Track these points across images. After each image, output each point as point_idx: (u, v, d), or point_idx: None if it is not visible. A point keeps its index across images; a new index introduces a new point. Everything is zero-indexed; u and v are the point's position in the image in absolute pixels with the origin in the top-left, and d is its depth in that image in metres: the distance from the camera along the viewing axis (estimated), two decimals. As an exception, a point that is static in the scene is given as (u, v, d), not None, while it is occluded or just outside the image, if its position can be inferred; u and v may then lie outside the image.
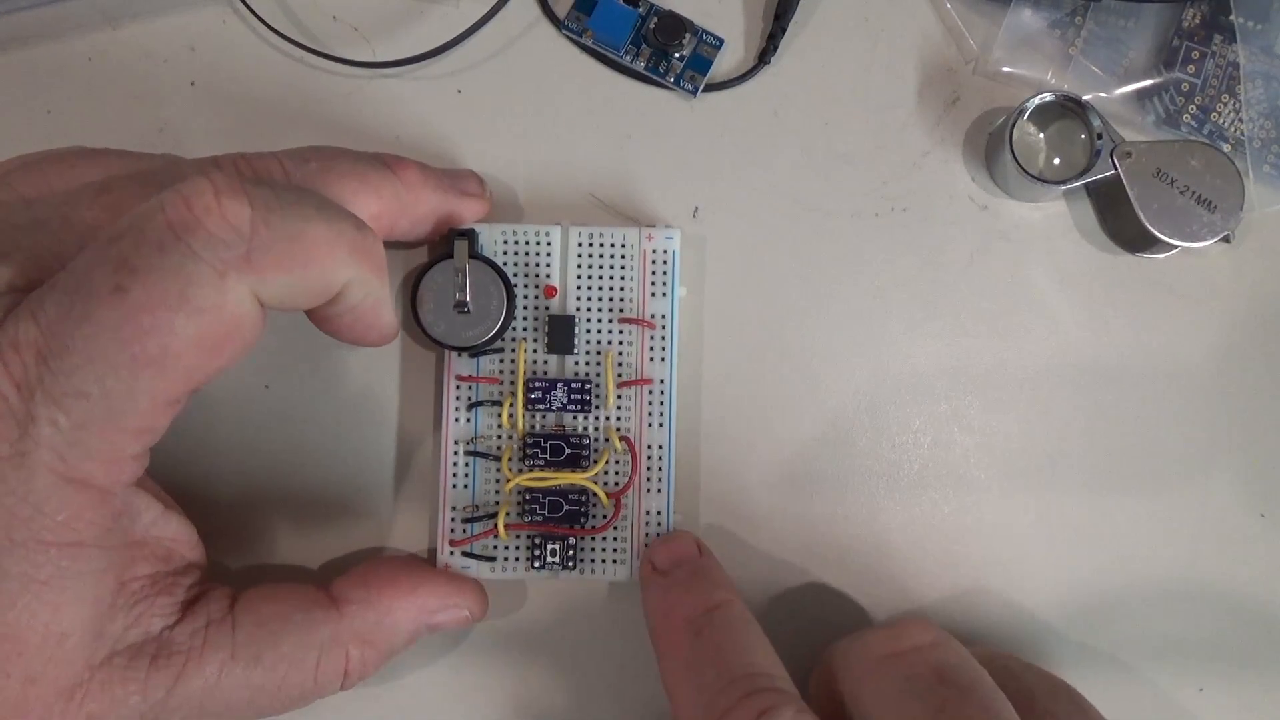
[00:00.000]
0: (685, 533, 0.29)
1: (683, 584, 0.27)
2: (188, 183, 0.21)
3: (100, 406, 0.21)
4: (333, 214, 0.23)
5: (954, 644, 0.25)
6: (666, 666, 0.26)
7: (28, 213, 0.23)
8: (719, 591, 0.27)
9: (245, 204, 0.21)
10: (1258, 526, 0.31)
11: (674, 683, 0.25)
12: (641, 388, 0.30)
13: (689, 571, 0.28)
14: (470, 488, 0.29)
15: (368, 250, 0.24)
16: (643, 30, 0.31)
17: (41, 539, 0.21)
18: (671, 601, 0.27)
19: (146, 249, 0.21)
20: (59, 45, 0.31)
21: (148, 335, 0.21)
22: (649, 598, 0.28)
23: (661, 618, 0.27)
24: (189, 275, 0.21)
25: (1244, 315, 0.32)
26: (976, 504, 0.31)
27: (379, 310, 0.25)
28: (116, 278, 0.21)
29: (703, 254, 0.31)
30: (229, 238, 0.21)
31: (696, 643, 0.25)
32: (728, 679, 0.24)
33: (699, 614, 0.26)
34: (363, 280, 0.24)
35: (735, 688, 0.23)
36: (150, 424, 0.22)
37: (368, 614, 0.27)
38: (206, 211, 0.21)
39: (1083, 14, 0.31)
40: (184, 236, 0.21)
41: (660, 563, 0.28)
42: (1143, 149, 0.30)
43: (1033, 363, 0.31)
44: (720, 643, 0.25)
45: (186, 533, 0.25)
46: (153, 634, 0.24)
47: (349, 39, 0.32)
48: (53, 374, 0.21)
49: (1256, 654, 0.31)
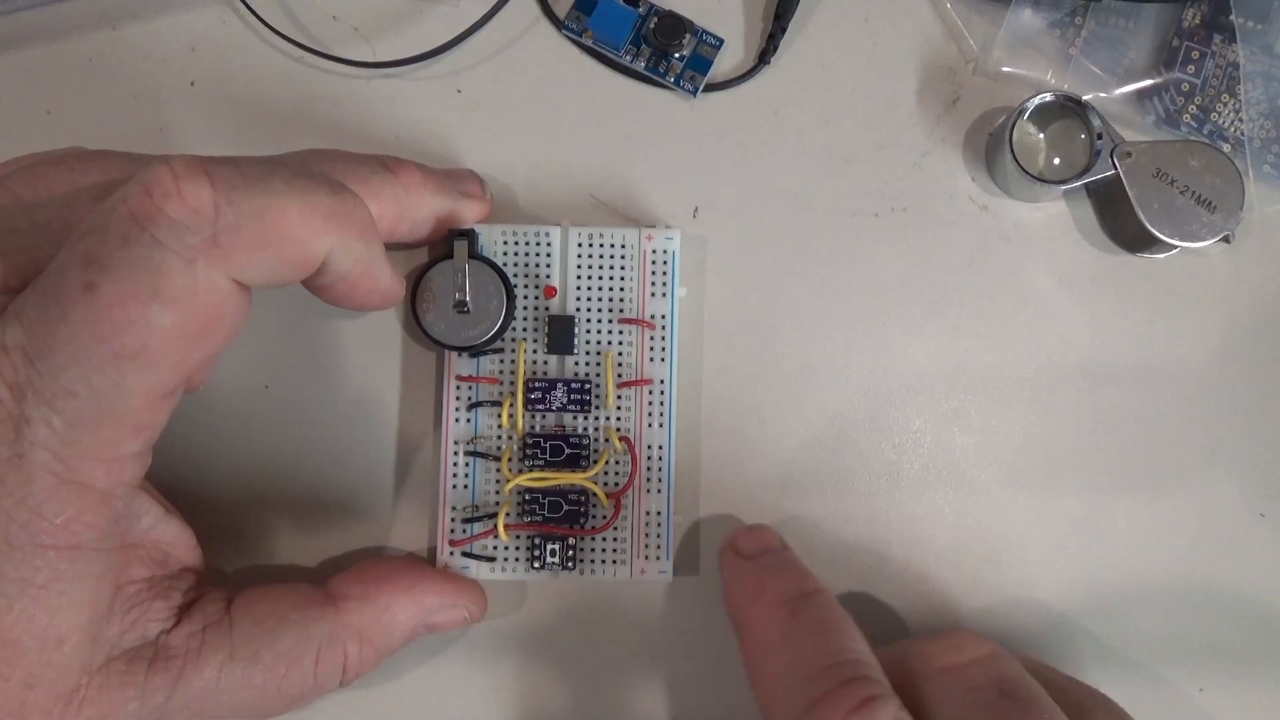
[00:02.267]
0: (768, 526, 0.29)
1: (773, 568, 0.27)
2: (148, 170, 0.21)
3: (90, 405, 0.21)
4: (303, 184, 0.22)
5: (1011, 658, 0.25)
6: (754, 644, 0.25)
7: (26, 216, 0.23)
8: (812, 580, 0.26)
9: (206, 185, 0.21)
10: (1258, 526, 0.31)
11: (762, 659, 0.25)
12: (641, 388, 0.30)
13: (778, 558, 0.27)
14: (470, 488, 0.29)
15: (347, 216, 0.23)
16: (643, 30, 0.31)
17: (40, 542, 0.21)
18: (764, 581, 0.26)
19: (111, 243, 0.20)
20: (59, 45, 0.31)
21: (124, 330, 0.20)
22: (736, 579, 0.27)
23: (750, 596, 0.26)
24: (156, 265, 0.20)
25: (1244, 315, 0.32)
26: (976, 504, 0.31)
27: (374, 274, 0.24)
28: (86, 275, 0.20)
29: (703, 254, 0.31)
30: (192, 222, 0.20)
31: (793, 622, 0.25)
32: (827, 661, 0.23)
33: (796, 594, 0.25)
34: (347, 247, 0.23)
35: (836, 671, 0.23)
36: (145, 419, 0.22)
37: (365, 610, 0.27)
38: (166, 197, 0.20)
39: (1083, 14, 0.31)
40: (147, 226, 0.20)
41: (746, 549, 0.28)
42: (1143, 149, 0.30)
43: (1033, 363, 0.31)
44: (818, 624, 0.25)
45: (185, 537, 0.25)
46: (149, 638, 0.24)
47: (349, 39, 0.32)
48: (41, 375, 0.20)
49: (1256, 654, 0.31)
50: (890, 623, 0.31)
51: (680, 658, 0.30)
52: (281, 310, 0.31)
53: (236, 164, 0.22)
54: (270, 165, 0.22)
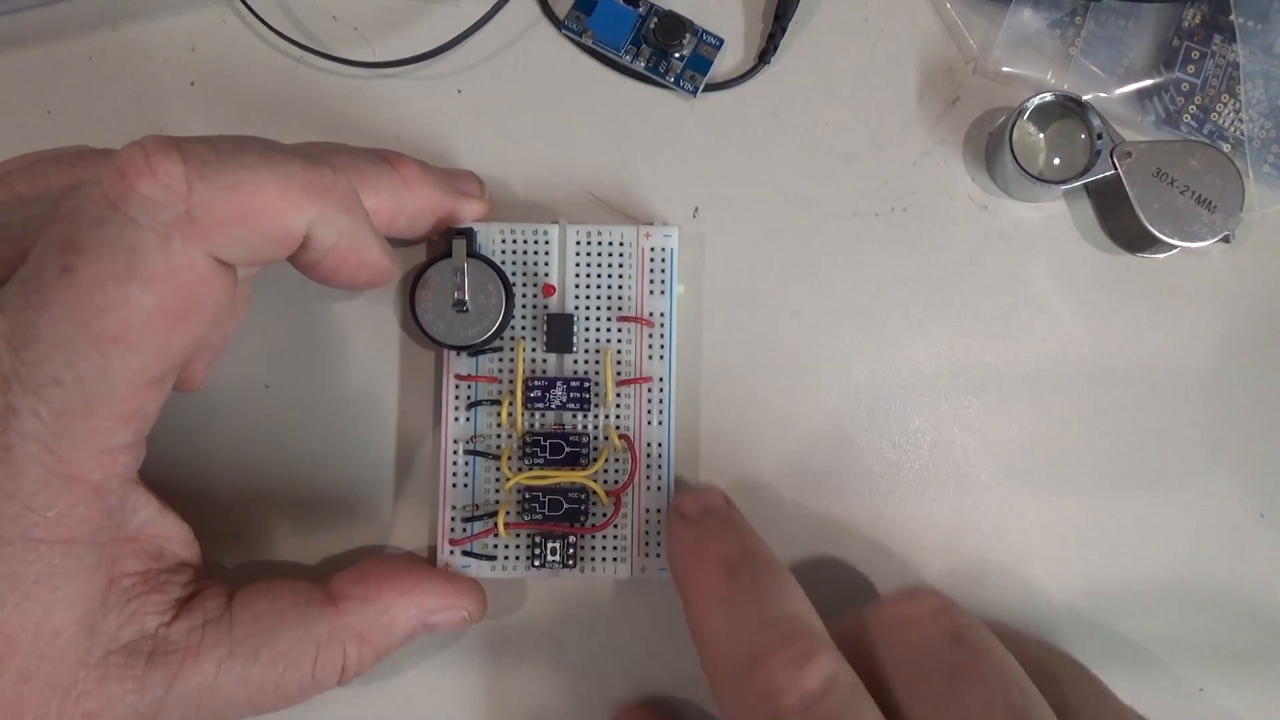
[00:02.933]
0: (713, 485, 0.29)
1: (715, 530, 0.26)
2: (121, 152, 0.20)
3: (76, 392, 0.20)
4: (278, 157, 0.22)
5: (966, 612, 0.25)
6: (696, 607, 0.25)
7: (23, 211, 0.23)
8: (752, 538, 0.26)
9: (178, 161, 0.20)
10: (1258, 526, 0.31)
11: (704, 622, 0.24)
12: (640, 386, 0.30)
13: (721, 519, 0.27)
14: (470, 487, 0.29)
15: (325, 187, 0.22)
16: (643, 30, 0.31)
17: (31, 536, 0.21)
18: (705, 543, 0.26)
19: (86, 224, 0.20)
20: (59, 45, 0.31)
21: (104, 312, 0.20)
22: (678, 542, 0.27)
23: (692, 557, 0.26)
24: (132, 244, 0.20)
25: (1244, 315, 0.32)
26: (976, 504, 0.31)
27: (361, 249, 0.24)
28: (63, 258, 0.20)
29: (702, 254, 0.31)
30: (165, 199, 0.20)
31: (731, 582, 0.24)
32: (766, 620, 0.23)
33: (735, 555, 0.25)
34: (329, 220, 0.23)
35: (774, 629, 0.23)
36: (134, 406, 0.21)
37: (365, 611, 0.27)
38: (139, 175, 0.20)
39: (1083, 14, 0.31)
40: (121, 205, 0.20)
41: (689, 510, 0.27)
42: (1143, 149, 0.30)
43: (1033, 363, 0.31)
44: (757, 583, 0.24)
45: (180, 531, 0.25)
46: (148, 632, 0.24)
47: (349, 39, 0.32)
48: (25, 364, 0.20)
49: (1256, 654, 0.31)
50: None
51: (681, 655, 0.30)
52: (281, 310, 0.31)
53: (209, 140, 0.21)
54: (244, 140, 0.22)
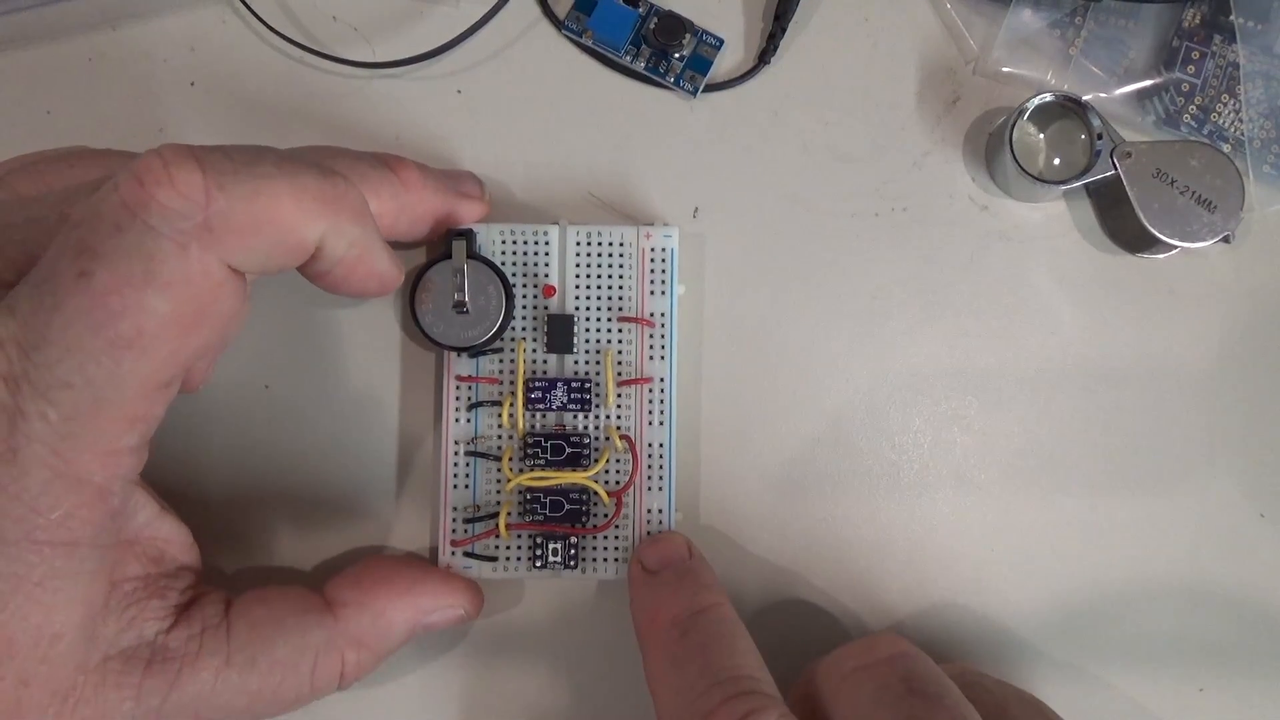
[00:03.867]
0: (676, 533, 0.29)
1: (671, 585, 0.27)
2: (139, 159, 0.21)
3: (86, 395, 0.20)
4: (293, 168, 0.22)
5: (923, 656, 0.25)
6: (651, 666, 0.26)
7: (24, 211, 0.23)
8: (707, 594, 0.26)
9: (196, 170, 0.21)
10: (1258, 526, 0.31)
11: (657, 682, 0.25)
12: (641, 386, 0.30)
13: (678, 572, 0.27)
14: (471, 488, 0.29)
15: (338, 199, 0.23)
16: (643, 30, 0.31)
17: (35, 538, 0.21)
18: (659, 601, 0.27)
19: (104, 231, 0.20)
20: (59, 45, 0.31)
21: (119, 317, 0.20)
22: (636, 597, 0.28)
23: (648, 617, 0.27)
24: (149, 251, 0.20)
25: (1244, 315, 0.32)
26: (976, 504, 0.31)
27: (370, 259, 0.24)
28: (79, 263, 0.20)
29: (702, 254, 0.31)
30: (183, 207, 0.20)
31: (682, 643, 0.25)
32: (712, 680, 0.24)
33: (686, 615, 0.26)
34: (340, 231, 0.23)
35: (719, 690, 0.23)
36: (142, 411, 0.22)
37: (362, 616, 0.26)
38: (158, 184, 0.20)
39: (1083, 14, 0.31)
40: (139, 213, 0.20)
41: (649, 562, 0.28)
42: (1143, 149, 0.30)
43: (1033, 363, 0.31)
44: (705, 644, 0.25)
45: (180, 535, 0.25)
46: (146, 638, 0.24)
47: (349, 39, 0.32)
48: (35, 367, 0.20)
49: (1256, 654, 0.31)
50: (889, 623, 0.31)
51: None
52: (282, 311, 0.31)
53: (226, 151, 0.22)
54: (260, 151, 0.22)
